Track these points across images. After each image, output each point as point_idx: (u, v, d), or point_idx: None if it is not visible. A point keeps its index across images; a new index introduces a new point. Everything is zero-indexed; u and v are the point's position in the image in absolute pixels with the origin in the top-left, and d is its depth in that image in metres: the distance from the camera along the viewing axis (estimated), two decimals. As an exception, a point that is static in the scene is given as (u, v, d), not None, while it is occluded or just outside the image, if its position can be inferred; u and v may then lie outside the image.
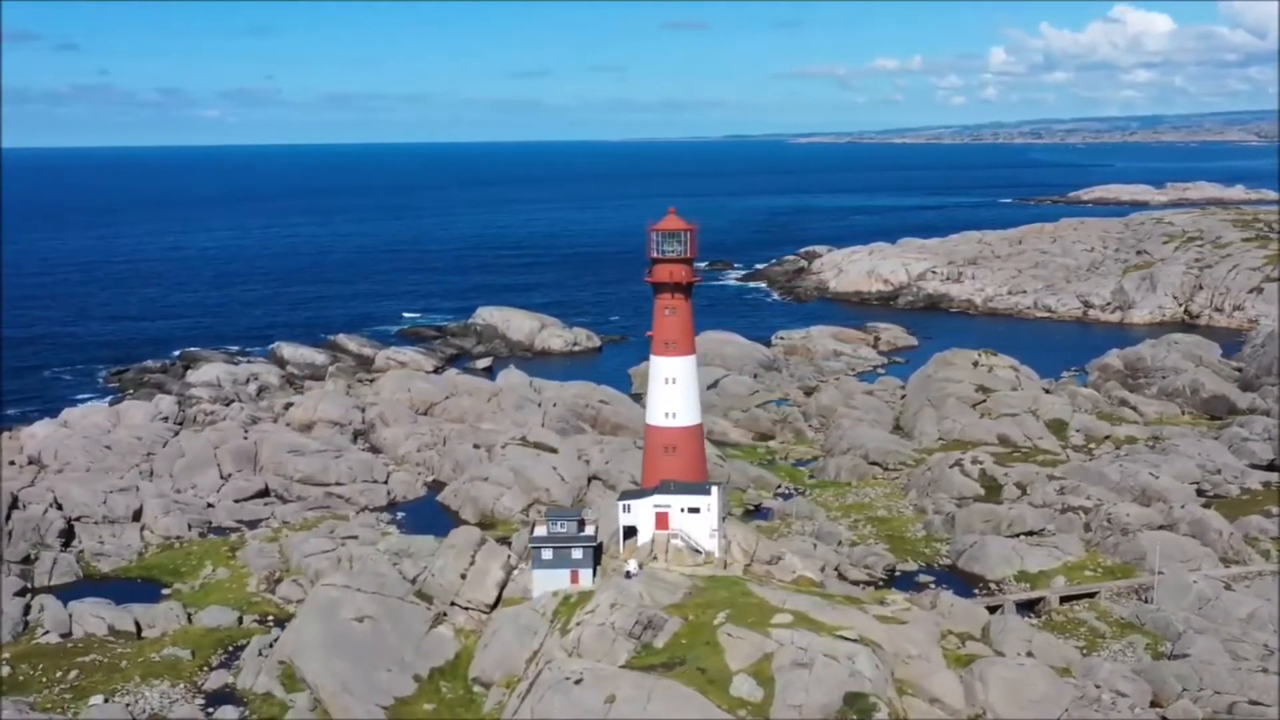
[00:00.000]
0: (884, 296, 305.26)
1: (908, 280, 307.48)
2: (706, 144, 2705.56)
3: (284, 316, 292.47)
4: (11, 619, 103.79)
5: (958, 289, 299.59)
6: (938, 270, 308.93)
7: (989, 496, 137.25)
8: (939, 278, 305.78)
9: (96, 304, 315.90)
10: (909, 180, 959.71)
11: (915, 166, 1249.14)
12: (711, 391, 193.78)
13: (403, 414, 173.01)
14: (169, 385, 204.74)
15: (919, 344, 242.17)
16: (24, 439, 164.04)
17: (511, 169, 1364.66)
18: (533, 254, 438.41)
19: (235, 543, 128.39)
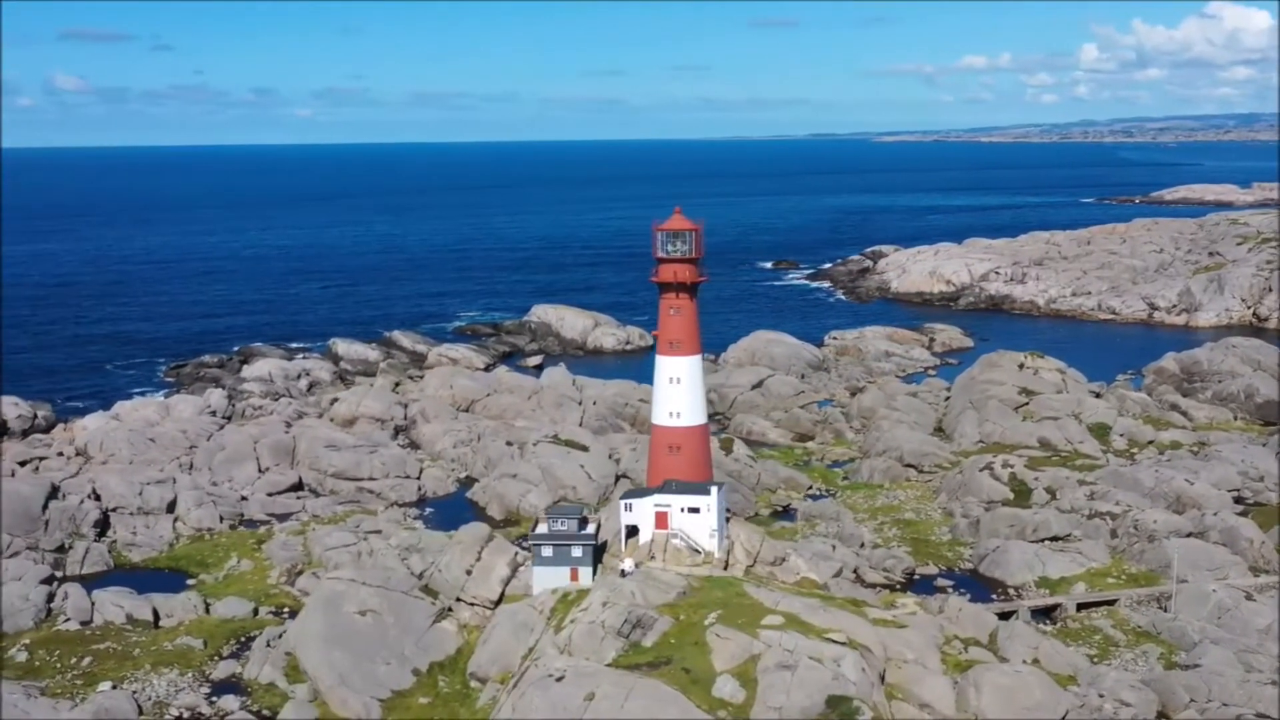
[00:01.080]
0: (946, 297, 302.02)
1: (970, 281, 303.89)
2: (791, 142, 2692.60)
3: (347, 313, 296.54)
4: (35, 606, 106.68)
5: (1021, 290, 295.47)
6: (1001, 271, 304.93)
7: (1018, 501, 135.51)
8: (1002, 278, 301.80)
9: (168, 300, 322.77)
10: (992, 180, 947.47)
11: (1000, 166, 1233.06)
12: (755, 391, 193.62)
13: (444, 410, 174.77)
14: (224, 380, 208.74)
15: (975, 345, 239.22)
16: (76, 431, 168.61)
17: (591, 168, 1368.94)
18: (601, 253, 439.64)
19: (262, 535, 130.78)
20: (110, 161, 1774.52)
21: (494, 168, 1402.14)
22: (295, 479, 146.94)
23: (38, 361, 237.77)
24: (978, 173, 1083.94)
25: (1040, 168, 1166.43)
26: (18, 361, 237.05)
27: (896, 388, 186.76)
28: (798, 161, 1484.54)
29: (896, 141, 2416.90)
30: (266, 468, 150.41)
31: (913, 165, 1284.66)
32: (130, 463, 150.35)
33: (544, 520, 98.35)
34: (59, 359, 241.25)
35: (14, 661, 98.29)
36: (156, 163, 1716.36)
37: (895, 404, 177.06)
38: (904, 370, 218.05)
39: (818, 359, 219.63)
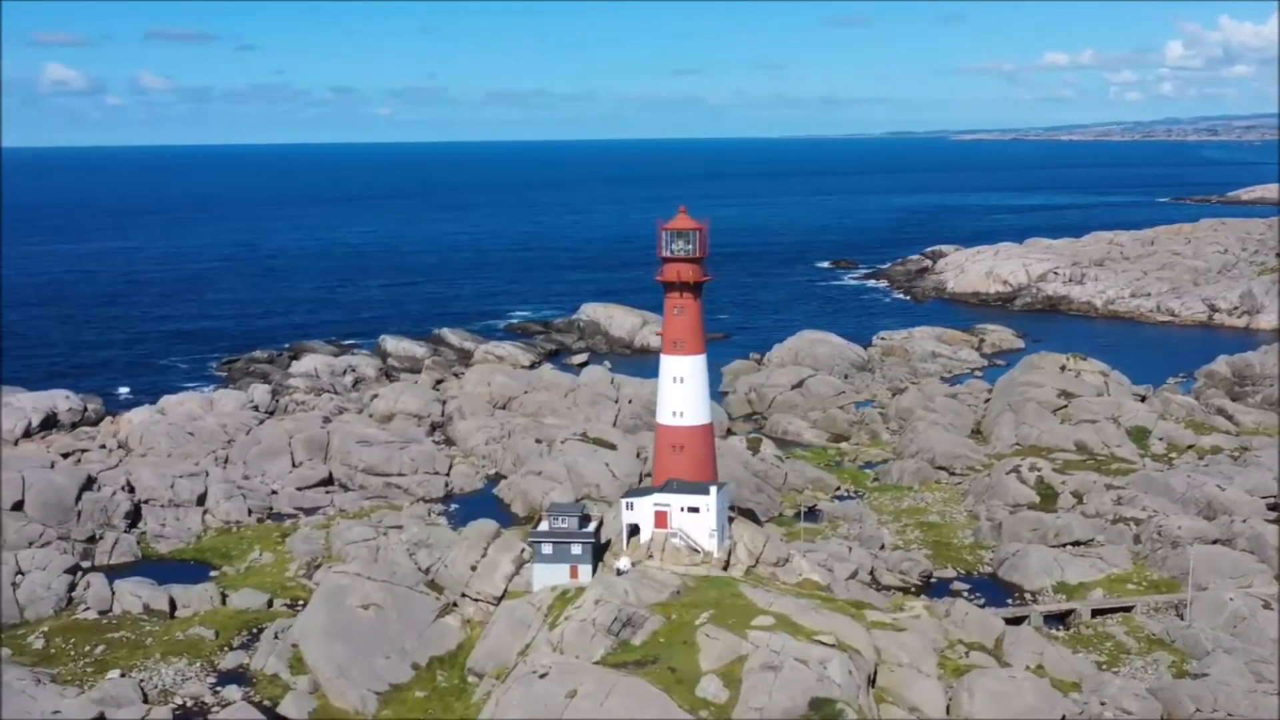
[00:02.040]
0: (1002, 297, 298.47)
1: (1027, 281, 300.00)
2: (867, 141, 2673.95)
3: (403, 310, 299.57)
4: (56, 595, 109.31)
5: (1079, 291, 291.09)
6: (1060, 271, 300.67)
7: (1043, 504, 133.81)
8: (1060, 279, 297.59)
9: (230, 296, 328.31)
10: (1068, 179, 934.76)
11: (1077, 164, 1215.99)
12: (795, 391, 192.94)
13: (480, 408, 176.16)
14: (272, 375, 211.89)
15: (1026, 347, 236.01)
16: (121, 424, 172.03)
17: (665, 166, 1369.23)
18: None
19: (287, 529, 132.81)
20: (192, 160, 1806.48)
21: (567, 166, 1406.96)
22: (325, 473, 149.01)
23: (98, 356, 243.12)
24: (1054, 171, 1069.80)
25: (1119, 166, 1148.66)
26: (79, 355, 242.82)
27: (935, 389, 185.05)
28: (872, 160, 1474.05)
29: (974, 140, 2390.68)
30: (300, 462, 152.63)
31: (989, 164, 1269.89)
32: (168, 456, 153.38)
33: (546, 518, 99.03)
34: (118, 353, 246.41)
35: (31, 648, 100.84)
36: (237, 161, 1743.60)
37: (933, 405, 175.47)
38: (950, 371, 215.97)
39: (862, 359, 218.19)
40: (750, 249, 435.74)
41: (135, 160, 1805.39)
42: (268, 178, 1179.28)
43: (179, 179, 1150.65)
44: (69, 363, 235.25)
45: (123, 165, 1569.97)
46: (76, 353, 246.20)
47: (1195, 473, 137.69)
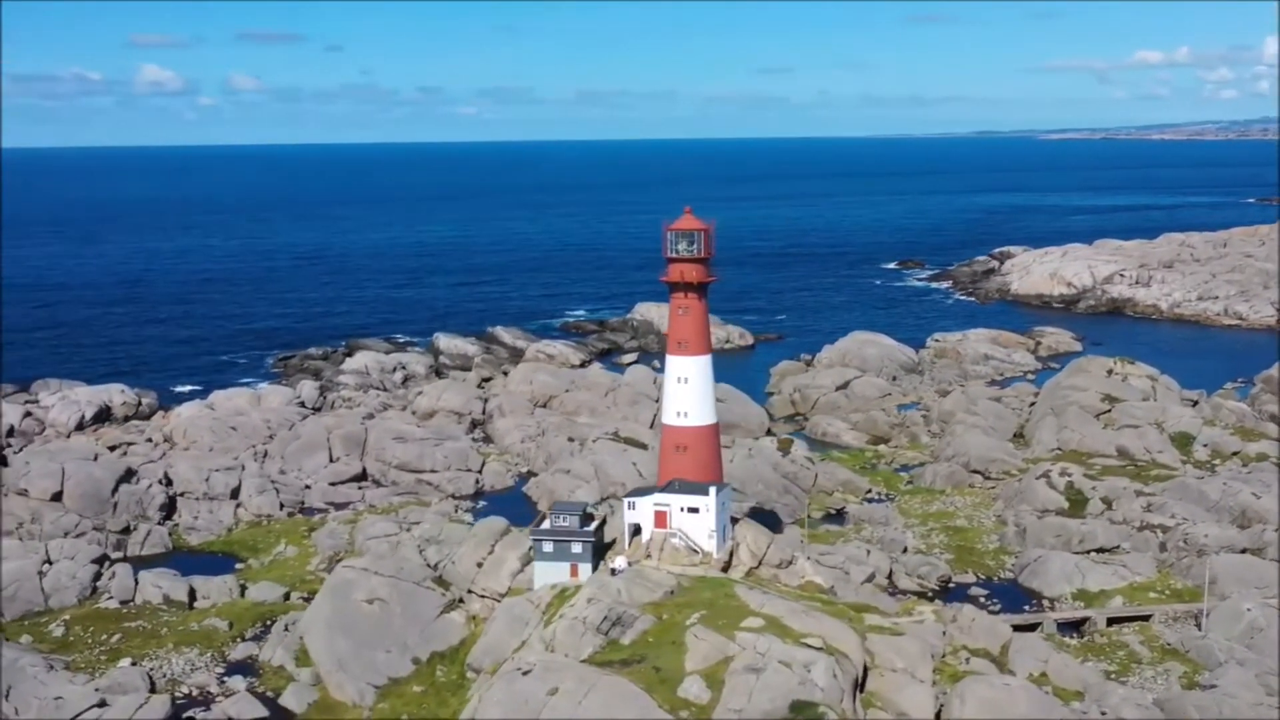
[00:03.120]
0: (1066, 299, 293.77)
1: (1092, 283, 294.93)
2: (953, 140, 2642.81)
3: (464, 308, 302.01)
4: (80, 584, 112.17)
5: (1144, 293, 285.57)
6: (1126, 273, 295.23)
7: (1072, 510, 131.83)
8: (1127, 281, 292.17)
9: (298, 293, 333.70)
10: (1156, 179, 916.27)
11: (1168, 164, 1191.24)
12: (840, 393, 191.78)
13: (521, 406, 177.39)
14: (324, 372, 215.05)
15: (1084, 350, 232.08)
16: (170, 418, 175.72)
17: (745, 165, 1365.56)
18: (730, 252, 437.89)
19: (315, 523, 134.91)
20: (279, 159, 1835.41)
21: (647, 167, 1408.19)
22: (359, 469, 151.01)
23: (162, 352, 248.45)
24: (1142, 171, 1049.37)
25: (1211, 166, 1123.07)
26: (144, 351, 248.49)
27: (979, 392, 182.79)
28: (956, 160, 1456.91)
29: (1063, 139, 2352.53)
30: (337, 458, 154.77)
31: (1075, 164, 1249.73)
32: (210, 450, 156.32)
33: (549, 516, 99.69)
34: (181, 349, 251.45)
35: (51, 636, 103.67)
36: (323, 160, 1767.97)
37: (975, 409, 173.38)
38: (1001, 374, 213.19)
39: (912, 361, 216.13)
40: (819, 249, 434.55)
41: (225, 159, 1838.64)
42: (349, 176, 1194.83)
43: (264, 178, 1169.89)
44: (133, 358, 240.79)
45: (213, 164, 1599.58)
46: (142, 348, 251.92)
47: (1232, 480, 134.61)
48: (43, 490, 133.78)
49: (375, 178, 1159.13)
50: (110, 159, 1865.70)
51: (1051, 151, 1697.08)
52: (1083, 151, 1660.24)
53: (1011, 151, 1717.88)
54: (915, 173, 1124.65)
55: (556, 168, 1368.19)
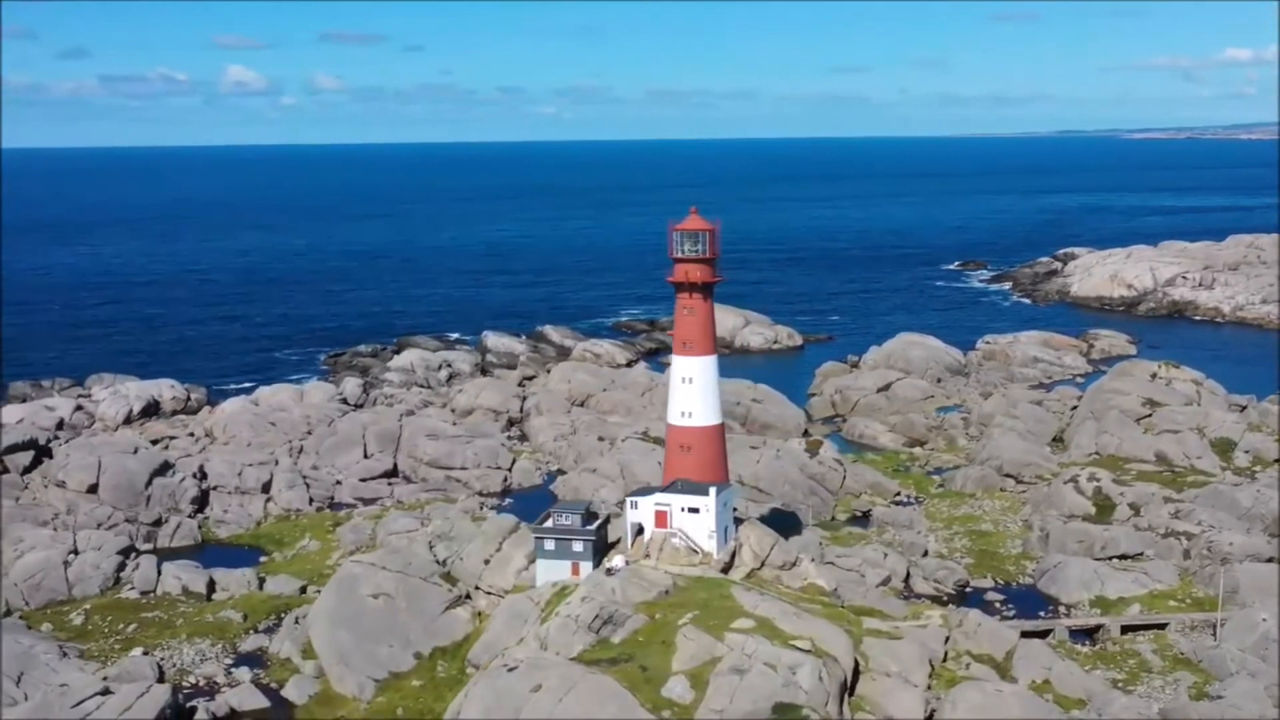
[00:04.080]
0: (1126, 302, 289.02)
1: (1153, 285, 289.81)
2: (1035, 140, 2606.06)
3: (520, 307, 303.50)
4: (103, 574, 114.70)
5: (1206, 296, 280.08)
6: (1189, 275, 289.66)
7: (1099, 516, 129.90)
8: (1189, 284, 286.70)
9: (359, 291, 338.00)
10: (1239, 179, 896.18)
11: (1254, 164, 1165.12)
12: (881, 394, 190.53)
13: (558, 404, 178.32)
14: (372, 368, 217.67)
15: (1138, 353, 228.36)
16: (215, 414, 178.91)
17: (823, 165, 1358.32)
18: (795, 252, 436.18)
19: (341, 518, 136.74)
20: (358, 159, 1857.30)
21: (722, 165, 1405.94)
22: (390, 465, 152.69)
23: (218, 347, 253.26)
24: (1225, 171, 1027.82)
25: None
26: (201, 346, 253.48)
27: (1020, 395, 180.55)
28: (1036, 159, 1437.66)
29: (1147, 139, 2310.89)
30: (371, 454, 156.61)
31: (1157, 163, 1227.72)
32: (248, 445, 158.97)
33: (552, 514, 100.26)
34: (237, 345, 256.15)
35: (71, 624, 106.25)
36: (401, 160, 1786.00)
37: (1015, 412, 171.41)
38: (1049, 377, 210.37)
39: (959, 363, 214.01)
40: (882, 250, 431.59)
41: (306, 159, 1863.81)
42: (424, 176, 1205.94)
43: (341, 177, 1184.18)
44: (191, 354, 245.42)
45: (293, 164, 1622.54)
46: (200, 345, 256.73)
47: (1267, 488, 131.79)
48: (79, 482, 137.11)
49: (450, 177, 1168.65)
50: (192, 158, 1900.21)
51: (1134, 151, 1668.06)
52: (1166, 151, 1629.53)
53: (1094, 151, 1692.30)
54: (991, 173, 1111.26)
55: (630, 167, 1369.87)
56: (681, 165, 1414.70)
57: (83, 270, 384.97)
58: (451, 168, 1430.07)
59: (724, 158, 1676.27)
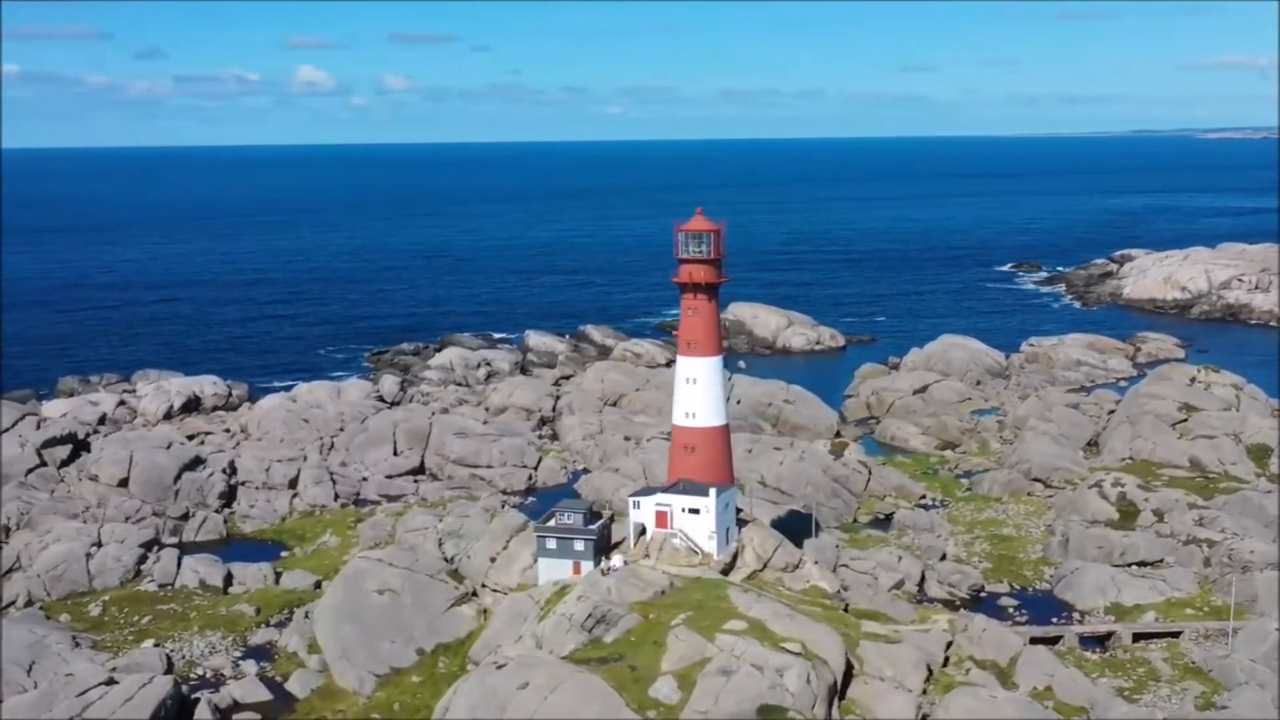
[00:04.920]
0: (1179, 305, 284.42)
1: (1207, 288, 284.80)
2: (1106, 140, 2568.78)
3: (567, 306, 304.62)
4: (124, 567, 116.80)
5: (1261, 299, 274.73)
6: (1245, 278, 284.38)
7: (1123, 522, 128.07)
8: (1244, 286, 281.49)
9: (409, 290, 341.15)
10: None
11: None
12: (917, 396, 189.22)
13: (590, 404, 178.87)
14: (412, 366, 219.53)
15: (1187, 357, 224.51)
16: (252, 410, 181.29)
17: (888, 165, 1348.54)
18: (850, 252, 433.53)
19: (363, 515, 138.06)
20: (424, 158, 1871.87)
21: (784, 164, 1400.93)
22: (416, 463, 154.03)
23: (265, 344, 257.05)
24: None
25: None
26: (250, 343, 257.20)
27: (1056, 398, 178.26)
28: (1106, 159, 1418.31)
29: (1222, 138, 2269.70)
30: (400, 451, 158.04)
31: (1230, 164, 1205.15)
32: (281, 441, 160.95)
33: (555, 513, 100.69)
34: (285, 342, 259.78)
35: (89, 615, 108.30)
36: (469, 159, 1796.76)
37: (1050, 415, 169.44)
38: (1092, 380, 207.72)
39: (1000, 366, 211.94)
40: (937, 251, 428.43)
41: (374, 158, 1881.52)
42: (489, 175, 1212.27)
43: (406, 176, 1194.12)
44: (239, 351, 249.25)
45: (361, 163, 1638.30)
46: (250, 341, 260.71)
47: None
48: (111, 476, 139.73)
49: (513, 176, 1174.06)
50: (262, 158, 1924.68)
51: (1208, 151, 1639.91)
52: (1241, 151, 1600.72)
53: (1166, 151, 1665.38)
54: (1057, 173, 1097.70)
55: (700, 167, 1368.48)
56: (745, 165, 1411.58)
57: (144, 268, 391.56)
58: (516, 167, 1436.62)
59: (789, 158, 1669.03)
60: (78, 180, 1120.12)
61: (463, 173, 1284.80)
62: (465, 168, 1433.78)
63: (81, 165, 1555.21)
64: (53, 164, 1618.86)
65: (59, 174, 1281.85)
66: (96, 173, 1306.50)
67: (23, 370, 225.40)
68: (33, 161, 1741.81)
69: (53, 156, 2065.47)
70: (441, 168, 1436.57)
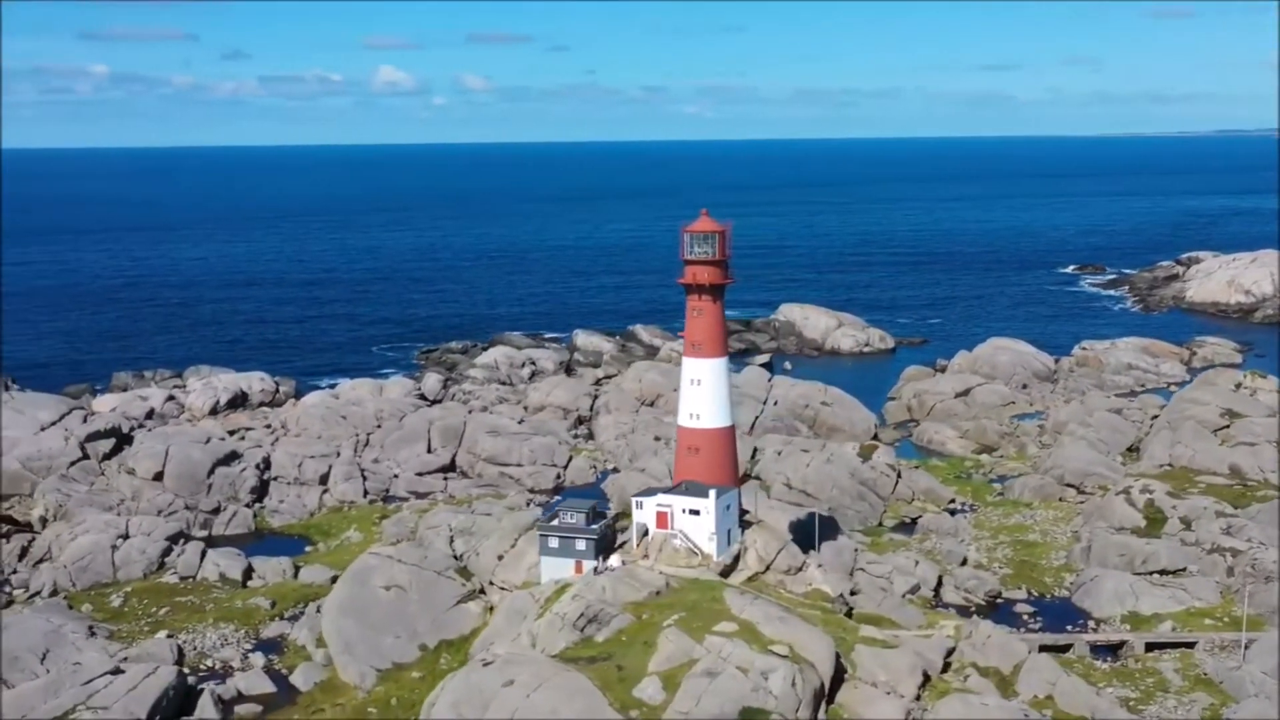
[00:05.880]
0: (1242, 309, 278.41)
1: (1272, 291, 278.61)
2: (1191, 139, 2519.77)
3: (622, 306, 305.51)
4: (148, 559, 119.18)
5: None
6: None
7: (1150, 529, 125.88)
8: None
9: (468, 288, 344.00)
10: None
11: None
12: (959, 399, 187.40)
13: (626, 403, 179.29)
14: (459, 365, 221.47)
15: (1244, 362, 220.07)
16: (295, 407, 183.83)
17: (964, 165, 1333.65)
18: (914, 253, 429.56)
19: (390, 511, 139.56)
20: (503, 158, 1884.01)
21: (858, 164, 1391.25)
22: (447, 460, 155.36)
23: (321, 341, 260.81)
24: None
25: None
26: (306, 340, 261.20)
27: (1098, 402, 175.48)
28: (1190, 159, 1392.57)
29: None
30: (434, 449, 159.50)
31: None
32: (318, 438, 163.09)
33: (559, 512, 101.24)
34: (340, 339, 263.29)
35: (109, 606, 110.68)
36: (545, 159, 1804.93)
37: (1090, 420, 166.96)
38: (1142, 385, 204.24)
39: (1047, 369, 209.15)
40: (1001, 252, 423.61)
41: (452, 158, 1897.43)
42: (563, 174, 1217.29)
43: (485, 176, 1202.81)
44: (295, 347, 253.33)
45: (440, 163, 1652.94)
46: (306, 338, 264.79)
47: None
48: (146, 470, 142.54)
49: (586, 176, 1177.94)
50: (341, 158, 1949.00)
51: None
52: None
53: (1252, 150, 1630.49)
54: (1136, 173, 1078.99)
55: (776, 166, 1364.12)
56: (821, 164, 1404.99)
57: (211, 267, 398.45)
58: (591, 167, 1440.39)
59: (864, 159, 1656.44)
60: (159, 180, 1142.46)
61: (538, 172, 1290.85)
62: (541, 167, 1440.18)
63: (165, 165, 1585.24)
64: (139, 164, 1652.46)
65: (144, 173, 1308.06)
66: (178, 172, 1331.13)
67: (86, 365, 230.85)
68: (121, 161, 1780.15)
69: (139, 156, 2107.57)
70: (518, 167, 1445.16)
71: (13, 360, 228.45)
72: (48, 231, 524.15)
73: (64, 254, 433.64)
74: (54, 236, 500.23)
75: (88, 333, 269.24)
